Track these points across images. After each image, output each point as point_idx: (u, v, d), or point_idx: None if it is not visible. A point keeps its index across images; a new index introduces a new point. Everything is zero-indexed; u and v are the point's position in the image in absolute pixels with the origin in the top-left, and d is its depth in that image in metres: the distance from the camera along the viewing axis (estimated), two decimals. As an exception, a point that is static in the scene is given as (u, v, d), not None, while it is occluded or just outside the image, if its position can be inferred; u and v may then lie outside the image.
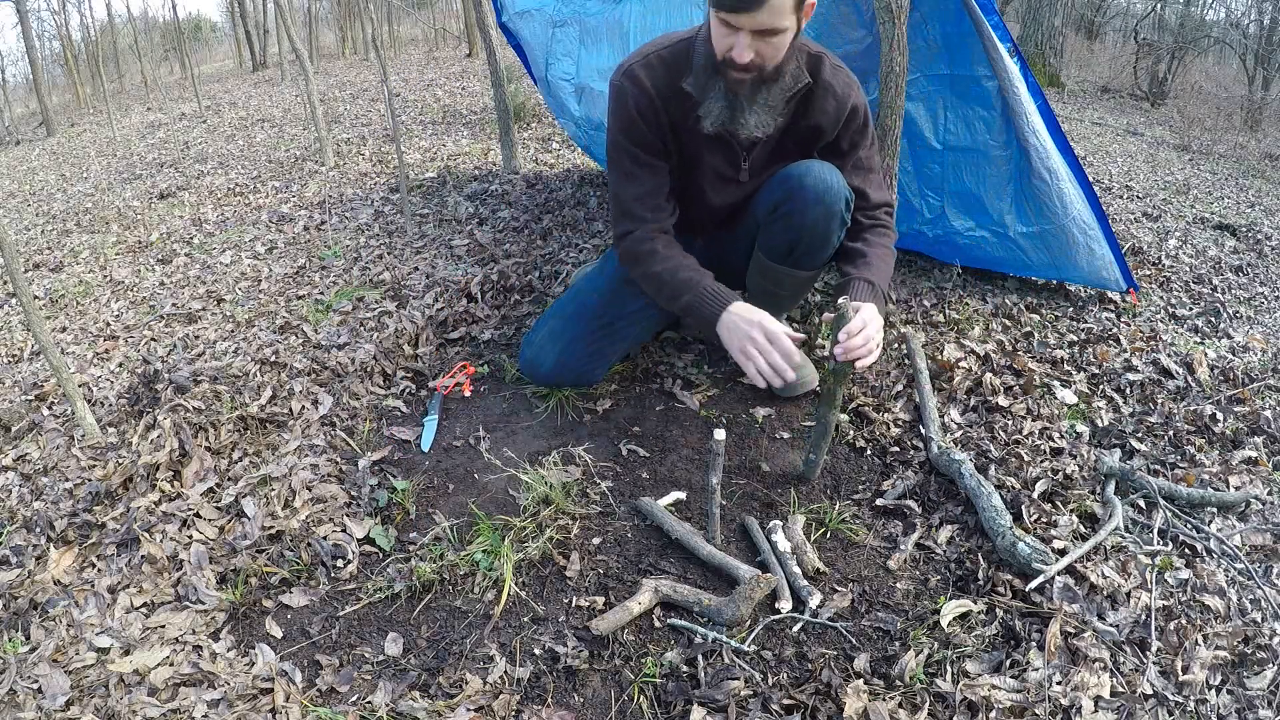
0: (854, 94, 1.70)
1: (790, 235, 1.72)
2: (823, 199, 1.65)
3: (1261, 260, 3.13)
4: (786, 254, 1.76)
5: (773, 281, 1.85)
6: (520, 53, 3.55)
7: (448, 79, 9.15)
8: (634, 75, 1.67)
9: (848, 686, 1.19)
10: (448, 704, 1.22)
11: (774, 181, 1.77)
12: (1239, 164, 5.52)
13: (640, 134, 1.70)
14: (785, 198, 1.70)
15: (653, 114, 1.68)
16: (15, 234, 4.49)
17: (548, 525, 1.56)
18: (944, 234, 2.49)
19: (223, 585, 1.48)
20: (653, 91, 1.66)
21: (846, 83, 1.69)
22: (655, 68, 1.67)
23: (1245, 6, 13.64)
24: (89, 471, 1.77)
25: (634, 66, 1.68)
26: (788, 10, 1.44)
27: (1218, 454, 1.75)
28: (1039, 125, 2.14)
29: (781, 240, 1.74)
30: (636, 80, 1.67)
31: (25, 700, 1.24)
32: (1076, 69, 10.23)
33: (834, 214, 1.67)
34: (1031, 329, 2.28)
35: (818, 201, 1.66)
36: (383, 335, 2.29)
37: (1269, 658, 1.25)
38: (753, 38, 1.47)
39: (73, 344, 2.68)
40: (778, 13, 1.43)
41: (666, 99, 1.67)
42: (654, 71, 1.67)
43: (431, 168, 4.56)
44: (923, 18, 2.15)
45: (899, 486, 1.65)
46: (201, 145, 6.54)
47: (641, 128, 1.69)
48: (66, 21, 16.21)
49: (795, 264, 1.78)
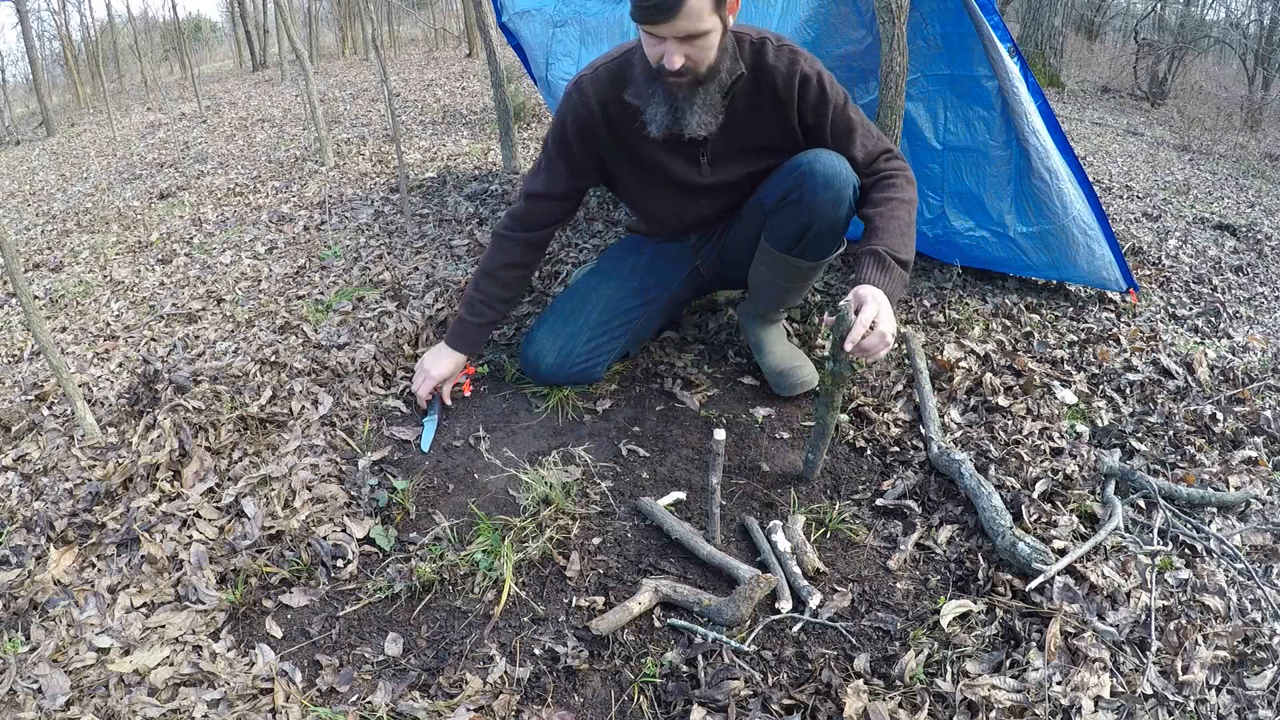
0: (801, 65, 1.68)
1: (800, 222, 1.72)
2: (832, 184, 1.66)
3: (1261, 260, 3.13)
4: (795, 242, 1.77)
5: (778, 274, 1.86)
6: (520, 53, 3.55)
7: (448, 79, 9.15)
8: (581, 88, 1.75)
9: (848, 686, 1.19)
10: (448, 704, 1.22)
11: (782, 171, 1.78)
12: (1239, 164, 5.52)
13: (566, 143, 1.79)
14: (794, 185, 1.71)
15: (590, 128, 1.76)
16: (15, 234, 4.49)
17: (548, 525, 1.56)
18: (944, 234, 2.49)
19: (223, 585, 1.48)
20: (596, 106, 1.74)
21: (791, 59, 1.68)
22: (602, 80, 1.74)
23: (1245, 6, 13.64)
24: (89, 471, 1.77)
25: (583, 79, 1.76)
26: (706, 12, 1.48)
27: (1218, 454, 1.75)
28: (1039, 125, 2.14)
29: (791, 227, 1.75)
30: (583, 93, 1.75)
31: (25, 700, 1.24)
32: (1076, 69, 10.23)
33: (843, 200, 1.68)
34: (1031, 329, 2.29)
35: (827, 187, 1.67)
36: (383, 335, 2.29)
37: (1269, 658, 1.25)
38: (679, 43, 1.51)
39: (73, 344, 2.68)
40: (695, 17, 1.47)
41: (610, 112, 1.74)
42: (600, 85, 1.74)
43: (431, 168, 4.56)
44: (923, 18, 2.15)
45: (899, 486, 1.65)
46: (201, 145, 6.54)
47: (571, 138, 1.78)
48: (66, 21, 16.22)
49: (802, 253, 1.78)
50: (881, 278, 1.51)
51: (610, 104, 1.73)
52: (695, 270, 2.09)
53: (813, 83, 1.69)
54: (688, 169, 1.82)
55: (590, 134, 1.77)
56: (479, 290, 1.91)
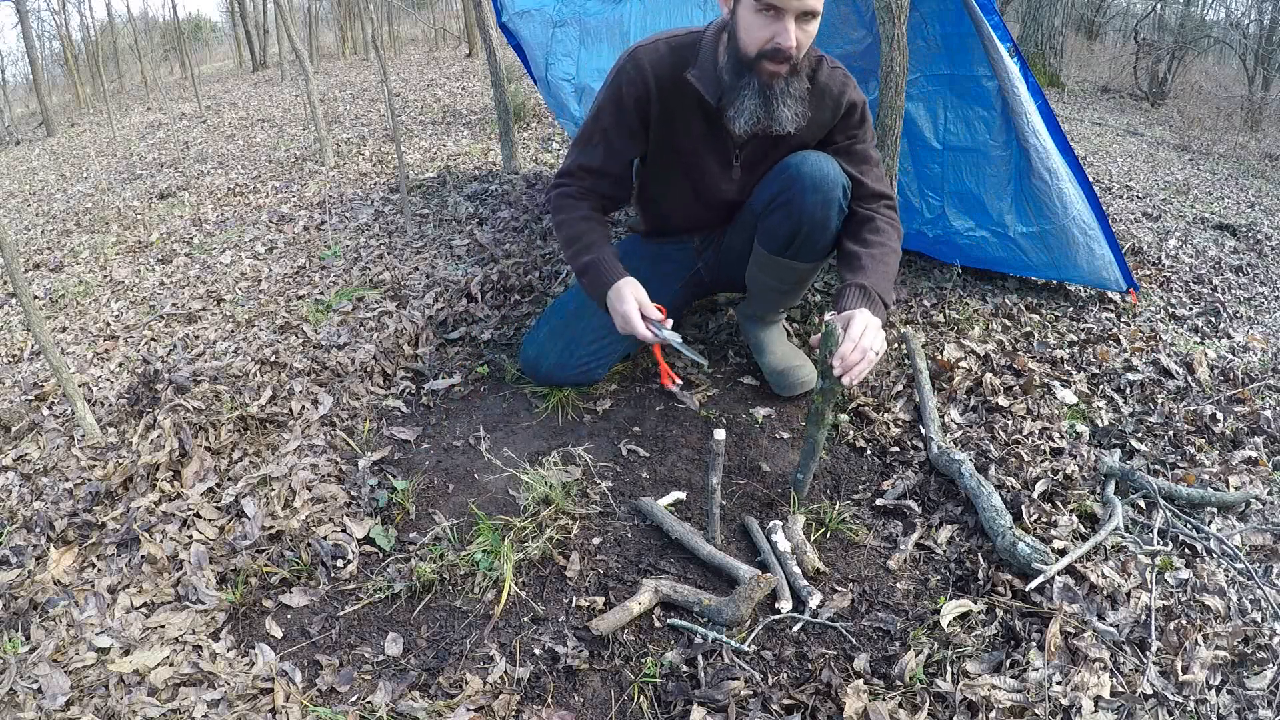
0: (850, 91, 1.71)
1: (790, 225, 1.72)
2: (820, 186, 1.66)
3: (1261, 260, 3.13)
4: (786, 245, 1.76)
5: (773, 276, 1.85)
6: (520, 53, 3.55)
7: (448, 79, 9.15)
8: (637, 58, 1.69)
9: (848, 686, 1.19)
10: (448, 704, 1.22)
11: (771, 174, 1.77)
12: (1239, 164, 5.52)
13: (621, 114, 1.72)
14: (782, 188, 1.71)
15: (644, 100, 1.70)
16: (15, 234, 4.49)
17: (548, 525, 1.56)
18: (944, 234, 2.49)
19: (223, 585, 1.48)
20: (651, 77, 1.68)
21: (843, 81, 1.71)
22: (662, 54, 1.68)
23: (1245, 6, 13.64)
24: (89, 471, 1.77)
25: (640, 49, 1.70)
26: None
27: (1218, 454, 1.75)
28: (1039, 125, 2.14)
29: (781, 230, 1.74)
30: (638, 63, 1.68)
31: (25, 700, 1.24)
32: (1076, 69, 10.23)
33: (831, 201, 1.67)
34: (1031, 329, 2.28)
35: (815, 189, 1.66)
36: (383, 335, 2.29)
37: (1269, 658, 1.25)
38: (798, 22, 1.49)
39: (73, 344, 2.68)
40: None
41: (665, 87, 1.68)
42: (659, 57, 1.68)
43: (431, 168, 4.56)
44: (923, 18, 2.15)
45: (899, 486, 1.65)
46: (201, 145, 6.54)
47: (627, 108, 1.71)
48: (66, 21, 16.22)
49: (795, 255, 1.78)
50: (872, 309, 1.52)
51: (666, 77, 1.67)
52: (697, 272, 2.09)
53: (857, 111, 1.72)
54: (720, 171, 1.80)
55: (645, 106, 1.71)
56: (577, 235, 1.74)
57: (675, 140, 1.75)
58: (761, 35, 1.51)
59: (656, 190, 1.93)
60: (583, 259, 1.71)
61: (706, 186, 1.84)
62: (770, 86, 1.57)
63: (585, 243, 1.72)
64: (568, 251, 1.76)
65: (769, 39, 1.51)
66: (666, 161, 1.81)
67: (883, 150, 2.04)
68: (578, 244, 1.73)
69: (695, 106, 1.69)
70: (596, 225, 1.76)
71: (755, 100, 1.59)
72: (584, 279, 1.71)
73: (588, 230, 1.74)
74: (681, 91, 1.67)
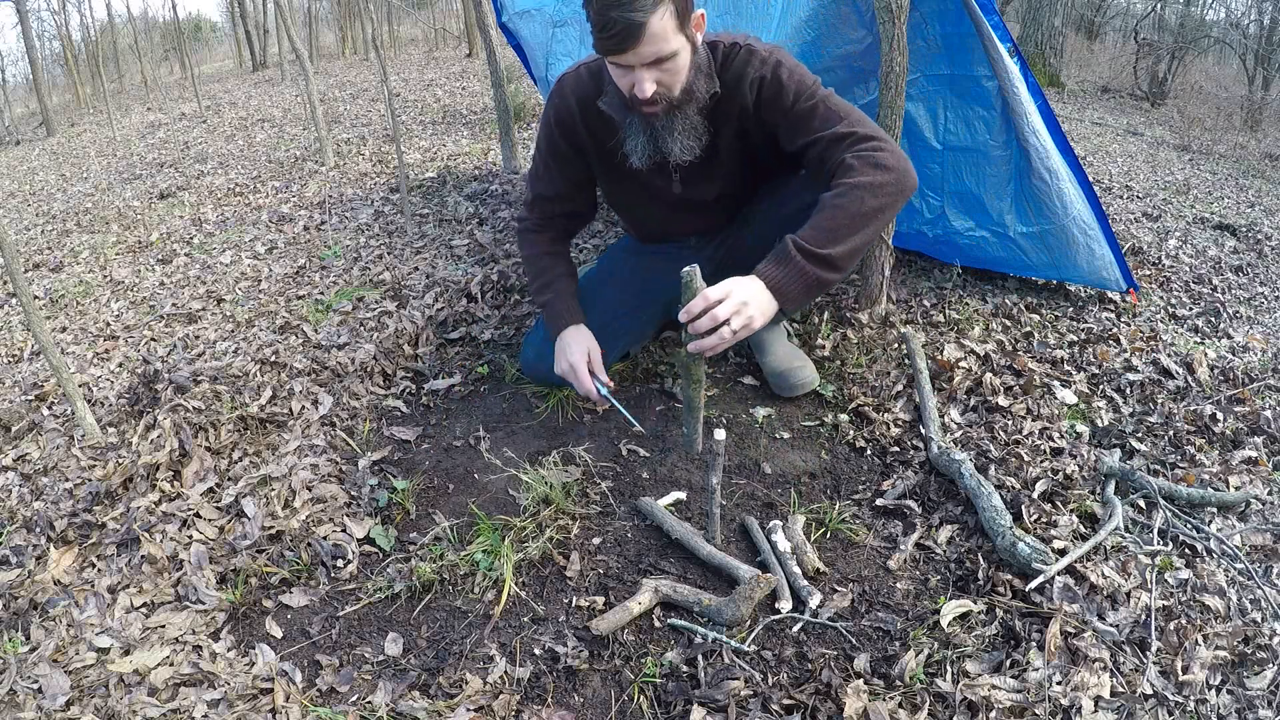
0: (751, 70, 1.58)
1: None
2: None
3: (1261, 260, 3.13)
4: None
5: None
6: (520, 53, 3.55)
7: (448, 79, 9.15)
8: (562, 86, 1.71)
9: (848, 686, 1.19)
10: (448, 704, 1.22)
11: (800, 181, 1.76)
12: (1239, 164, 5.52)
13: (554, 142, 1.76)
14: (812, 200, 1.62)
15: (572, 127, 1.71)
16: (15, 234, 4.49)
17: (548, 525, 1.56)
18: (944, 234, 2.49)
19: (223, 585, 1.48)
20: (575, 106, 1.69)
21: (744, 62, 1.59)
22: (584, 79, 1.69)
23: (1245, 6, 13.63)
24: (89, 471, 1.77)
25: (565, 76, 1.72)
26: (670, 33, 1.40)
27: (1218, 454, 1.75)
28: (1039, 125, 2.14)
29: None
30: (563, 92, 1.71)
31: (25, 700, 1.24)
32: (1076, 69, 10.23)
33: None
34: (1031, 329, 2.28)
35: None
36: (383, 335, 2.29)
37: (1269, 658, 1.25)
38: (648, 69, 1.44)
39: (73, 344, 2.68)
40: (660, 39, 1.39)
41: (589, 111, 1.68)
42: (582, 84, 1.68)
43: (431, 168, 4.56)
44: (923, 18, 2.15)
45: (899, 486, 1.65)
46: (201, 145, 6.54)
47: (556, 136, 1.74)
48: (66, 21, 16.22)
49: None
50: (773, 270, 1.42)
51: (589, 103, 1.67)
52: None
53: (767, 84, 1.58)
54: (661, 183, 1.78)
55: (573, 132, 1.72)
56: (537, 273, 1.82)
57: (612, 159, 1.71)
58: (623, 84, 1.50)
59: (621, 206, 1.96)
60: (542, 297, 1.79)
61: (662, 196, 1.82)
62: (651, 125, 1.57)
63: (544, 281, 1.81)
64: (531, 289, 1.84)
65: (629, 87, 1.49)
66: (613, 178, 1.80)
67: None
68: (538, 281, 1.82)
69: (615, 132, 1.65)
70: (558, 261, 1.83)
71: (642, 138, 1.59)
72: (544, 316, 1.80)
73: (548, 268, 1.82)
74: (600, 119, 1.67)
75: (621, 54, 1.41)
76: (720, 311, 1.35)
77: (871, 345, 2.14)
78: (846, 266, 1.47)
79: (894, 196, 1.47)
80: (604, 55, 1.46)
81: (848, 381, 2.01)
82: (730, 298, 1.36)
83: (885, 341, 2.16)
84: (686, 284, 1.34)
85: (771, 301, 1.42)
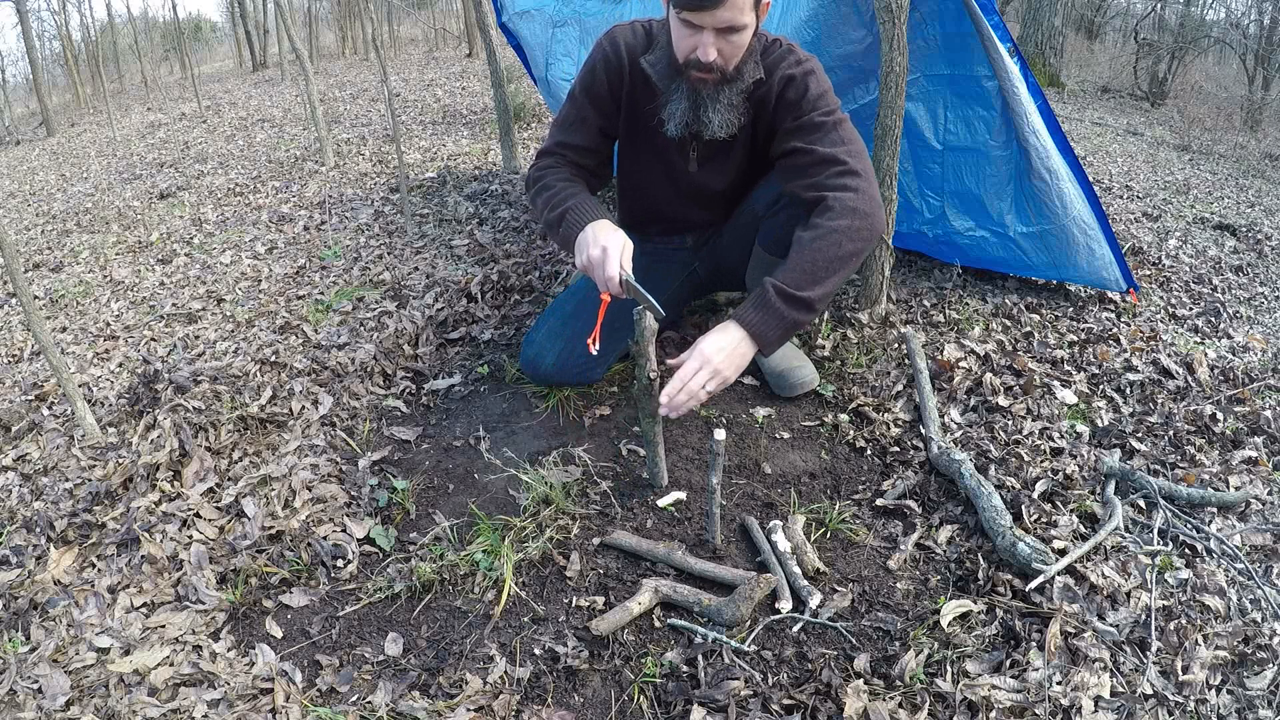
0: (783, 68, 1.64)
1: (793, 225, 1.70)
2: None
3: (1261, 260, 3.13)
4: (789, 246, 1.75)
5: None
6: (520, 53, 3.55)
7: (448, 79, 9.15)
8: (614, 35, 1.74)
9: (848, 686, 1.19)
10: (448, 704, 1.22)
11: (772, 177, 1.78)
12: (1239, 164, 5.52)
13: (597, 89, 1.74)
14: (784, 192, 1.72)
15: (618, 77, 1.72)
16: (15, 234, 4.49)
17: (548, 525, 1.56)
18: (944, 234, 2.49)
19: (223, 585, 1.48)
20: (625, 55, 1.71)
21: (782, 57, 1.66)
22: (638, 34, 1.73)
23: (1245, 6, 13.63)
24: (89, 471, 1.77)
25: (618, 28, 1.76)
26: (748, 6, 1.47)
27: (1218, 454, 1.75)
28: (1039, 125, 2.14)
29: (784, 232, 1.74)
30: (614, 40, 1.73)
31: (25, 700, 1.24)
32: (1076, 69, 10.23)
33: None
34: (1031, 329, 2.28)
35: None
36: (383, 335, 2.29)
37: (1269, 658, 1.25)
38: (717, 35, 1.49)
39: (73, 344, 2.68)
40: (738, 9, 1.45)
41: (637, 67, 1.70)
42: (635, 37, 1.72)
43: (431, 168, 4.56)
44: (923, 18, 2.15)
45: (899, 486, 1.65)
46: (201, 145, 6.54)
47: (601, 81, 1.73)
48: (66, 21, 16.19)
49: None
50: (753, 315, 1.44)
51: (635, 58, 1.70)
52: (694, 271, 2.10)
53: (795, 85, 1.63)
54: (676, 156, 1.82)
55: (618, 78, 1.73)
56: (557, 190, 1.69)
57: (644, 120, 1.75)
58: (685, 46, 1.54)
59: (634, 174, 1.95)
60: (563, 206, 1.63)
61: (675, 173, 1.85)
62: (698, 93, 1.60)
63: (566, 193, 1.66)
64: (546, 206, 1.67)
65: (691, 50, 1.53)
66: (637, 142, 1.83)
67: (883, 150, 2.04)
68: (558, 197, 1.66)
69: (653, 95, 1.70)
70: (581, 187, 1.71)
71: (684, 104, 1.62)
72: (561, 226, 1.62)
73: (571, 188, 1.68)
74: (642, 75, 1.69)
75: (701, 12, 1.45)
76: (694, 384, 1.39)
77: (871, 345, 2.14)
78: (821, 309, 1.53)
79: (868, 242, 1.53)
80: (681, 10, 1.48)
81: (848, 381, 2.01)
82: (703, 368, 1.40)
83: (885, 341, 2.16)
84: (636, 321, 1.40)
85: (749, 349, 1.45)
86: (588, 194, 1.69)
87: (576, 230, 1.59)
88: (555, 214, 1.65)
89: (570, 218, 1.61)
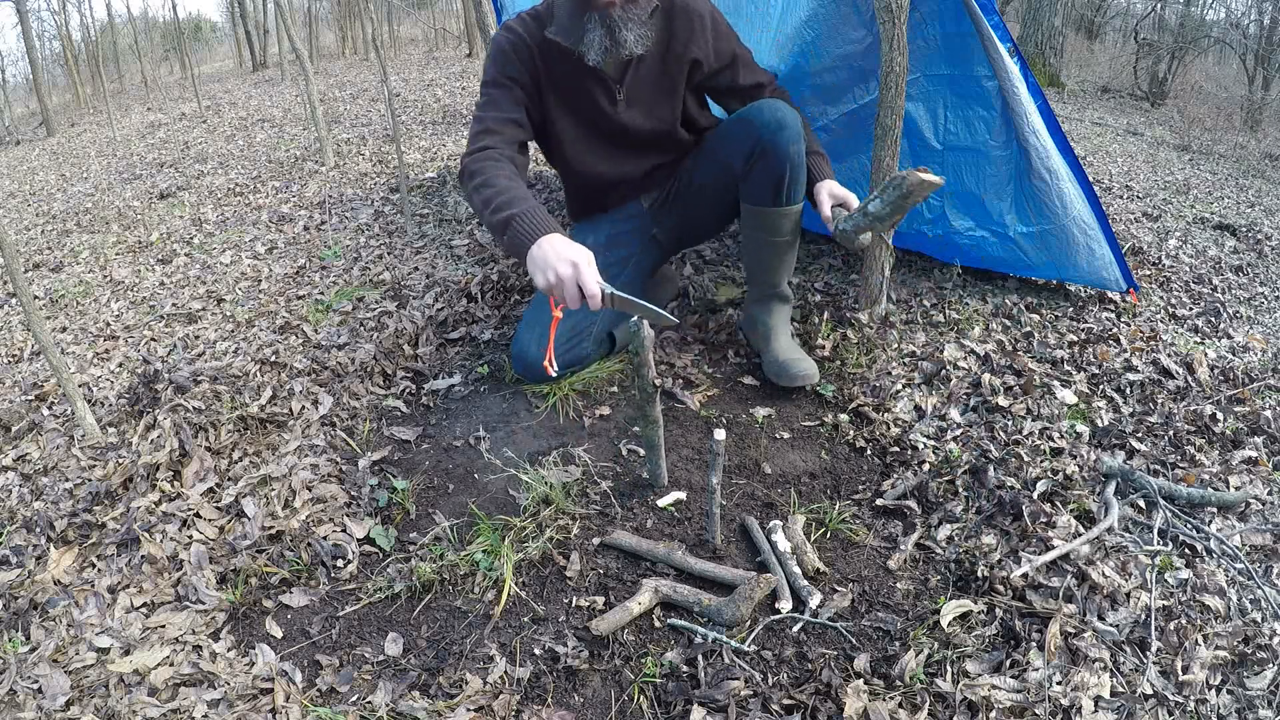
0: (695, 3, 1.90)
1: (777, 172, 1.84)
2: (785, 125, 1.82)
3: (1261, 260, 3.13)
4: (776, 193, 1.87)
5: (771, 230, 1.94)
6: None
7: (448, 79, 9.15)
8: (509, 26, 1.92)
9: (848, 686, 1.19)
10: (448, 704, 1.22)
11: (732, 135, 1.92)
12: (1239, 164, 5.52)
13: (510, 66, 1.88)
14: (755, 144, 1.85)
15: (525, 52, 1.88)
16: (15, 234, 4.49)
17: (548, 525, 1.56)
18: (944, 234, 2.49)
19: (223, 585, 1.48)
20: (528, 36, 1.88)
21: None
22: (526, 21, 1.90)
23: (1245, 6, 13.63)
24: (89, 471, 1.77)
25: (509, 21, 1.93)
26: None
27: (1218, 454, 1.75)
28: (1039, 125, 2.13)
29: (769, 181, 1.86)
30: (511, 29, 1.90)
31: (25, 700, 1.24)
32: (1076, 69, 10.23)
33: (800, 136, 1.85)
34: (1031, 329, 2.28)
35: (781, 128, 1.82)
36: (383, 335, 2.29)
37: (1269, 658, 1.25)
38: None
39: (73, 344, 2.68)
40: None
41: (539, 44, 1.87)
42: (526, 24, 1.90)
43: (431, 168, 4.56)
44: (923, 18, 2.15)
45: (899, 486, 1.65)
46: (201, 145, 6.54)
47: (512, 59, 1.88)
48: (66, 21, 16.19)
49: (787, 199, 1.89)
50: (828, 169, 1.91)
51: (536, 38, 1.87)
52: (653, 238, 2.18)
53: (707, 19, 1.90)
54: (604, 102, 1.94)
55: (527, 55, 1.88)
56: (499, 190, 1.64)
57: (565, 82, 1.91)
58: None
59: (568, 146, 2.02)
60: (509, 210, 1.57)
61: (606, 124, 1.97)
62: (610, 17, 1.75)
63: (509, 196, 1.60)
64: (486, 206, 1.62)
65: None
66: (560, 110, 1.95)
67: (883, 150, 2.04)
68: (500, 198, 1.61)
69: (566, 57, 1.84)
70: (520, 185, 1.66)
71: (599, 31, 1.76)
72: (506, 233, 1.56)
73: (511, 187, 1.63)
74: (549, 48, 1.85)
75: None
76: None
77: (871, 345, 2.14)
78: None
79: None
80: None
81: (848, 381, 2.01)
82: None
83: (885, 342, 2.16)
84: (635, 333, 1.43)
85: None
86: (530, 196, 1.63)
87: (526, 241, 1.52)
88: (499, 218, 1.58)
89: (517, 225, 1.55)
